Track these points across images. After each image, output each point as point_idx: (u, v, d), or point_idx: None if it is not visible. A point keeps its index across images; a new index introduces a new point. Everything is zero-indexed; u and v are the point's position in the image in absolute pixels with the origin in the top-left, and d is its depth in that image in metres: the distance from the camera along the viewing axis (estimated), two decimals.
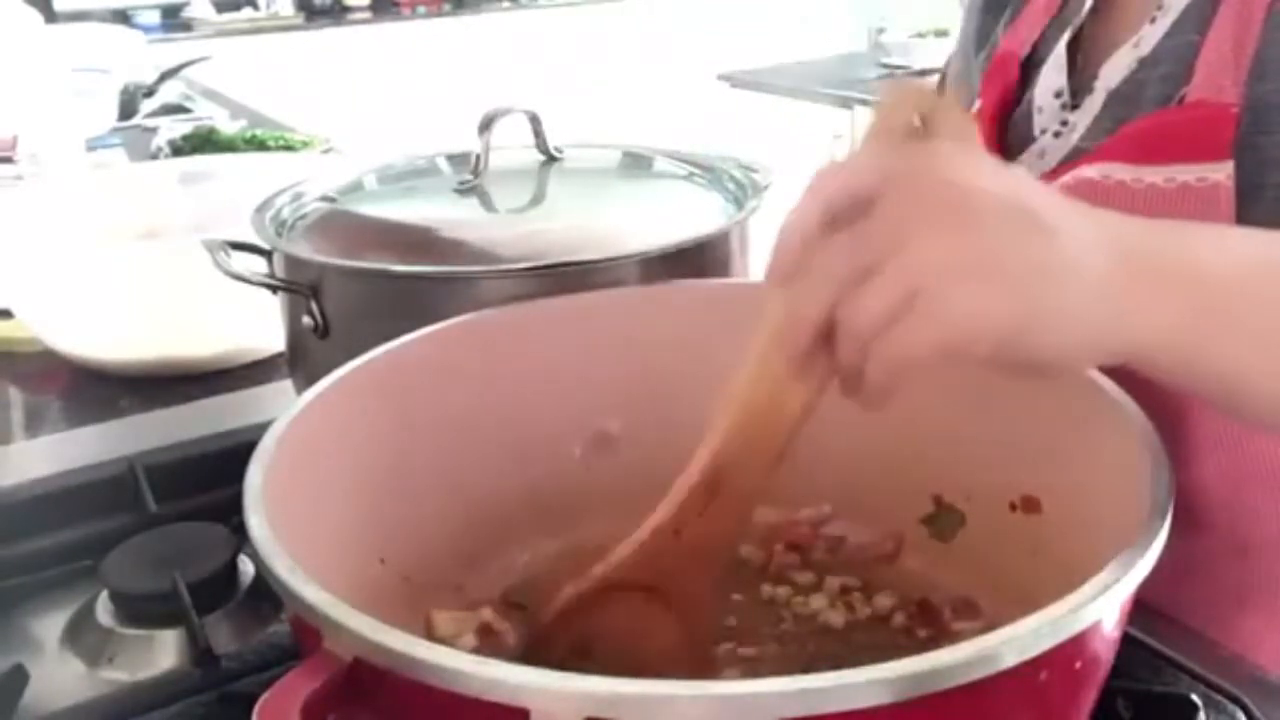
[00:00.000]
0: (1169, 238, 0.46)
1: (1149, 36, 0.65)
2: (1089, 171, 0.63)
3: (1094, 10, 0.71)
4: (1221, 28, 0.61)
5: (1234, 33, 0.60)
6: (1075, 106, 0.69)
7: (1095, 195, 0.60)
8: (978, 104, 0.76)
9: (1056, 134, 0.70)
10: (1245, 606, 0.65)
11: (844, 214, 0.42)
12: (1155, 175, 0.60)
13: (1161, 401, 0.50)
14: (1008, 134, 0.73)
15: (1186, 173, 0.59)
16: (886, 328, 0.41)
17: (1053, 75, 0.71)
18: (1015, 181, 0.44)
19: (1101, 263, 0.42)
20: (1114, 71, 0.67)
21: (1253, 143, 0.58)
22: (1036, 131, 0.71)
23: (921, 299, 0.40)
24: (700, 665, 0.52)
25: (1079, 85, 0.70)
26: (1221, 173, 0.58)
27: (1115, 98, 0.66)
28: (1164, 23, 0.64)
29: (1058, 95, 0.71)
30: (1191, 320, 0.44)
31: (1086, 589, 0.38)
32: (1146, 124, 0.63)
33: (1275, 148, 0.58)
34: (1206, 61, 0.61)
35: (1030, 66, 0.73)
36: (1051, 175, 0.67)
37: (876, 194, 0.42)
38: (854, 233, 0.42)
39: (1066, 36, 0.71)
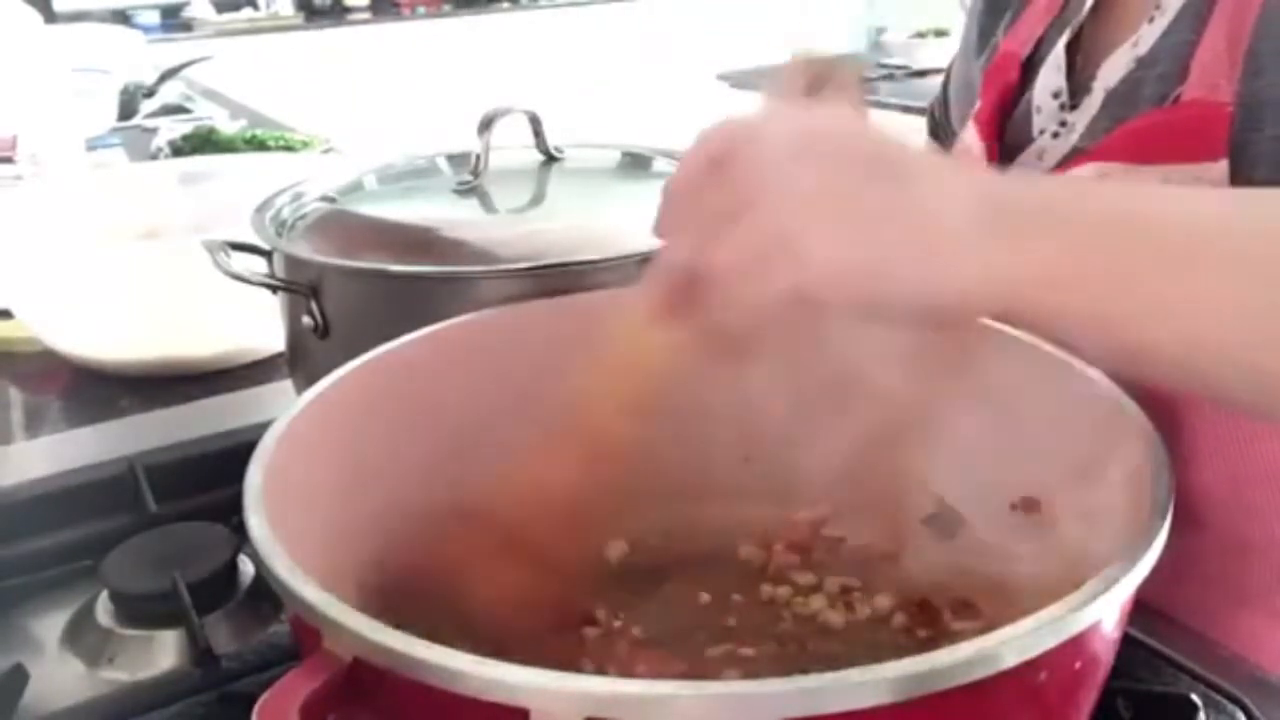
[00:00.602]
0: (1033, 186, 0.46)
1: (1147, 36, 0.65)
2: (1085, 171, 0.63)
3: (1093, 10, 0.71)
4: (1216, 26, 0.61)
5: (1228, 30, 0.60)
6: (1074, 107, 0.69)
7: None
8: (978, 105, 0.76)
9: (1055, 134, 0.70)
10: (1245, 606, 0.65)
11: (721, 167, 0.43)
12: (1151, 175, 0.60)
13: (1161, 403, 0.50)
14: (1007, 134, 0.73)
15: (1181, 174, 0.59)
16: (743, 274, 0.41)
17: (1051, 75, 0.71)
18: (880, 135, 0.44)
19: (964, 210, 0.42)
20: (1112, 71, 0.67)
21: (1244, 140, 0.58)
22: (1035, 132, 0.71)
23: (775, 244, 0.41)
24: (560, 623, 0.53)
25: (1078, 85, 0.70)
26: (1215, 172, 0.59)
27: (1113, 97, 0.66)
28: (1161, 22, 0.64)
29: (1056, 95, 0.71)
30: (1057, 259, 0.42)
31: (1086, 589, 0.38)
32: (1142, 124, 0.63)
33: (1265, 143, 0.58)
34: (1201, 60, 0.61)
35: (1030, 67, 0.73)
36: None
37: (746, 146, 0.42)
38: (719, 182, 0.42)
39: (1065, 37, 0.71)
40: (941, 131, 0.94)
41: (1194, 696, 0.52)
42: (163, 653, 0.64)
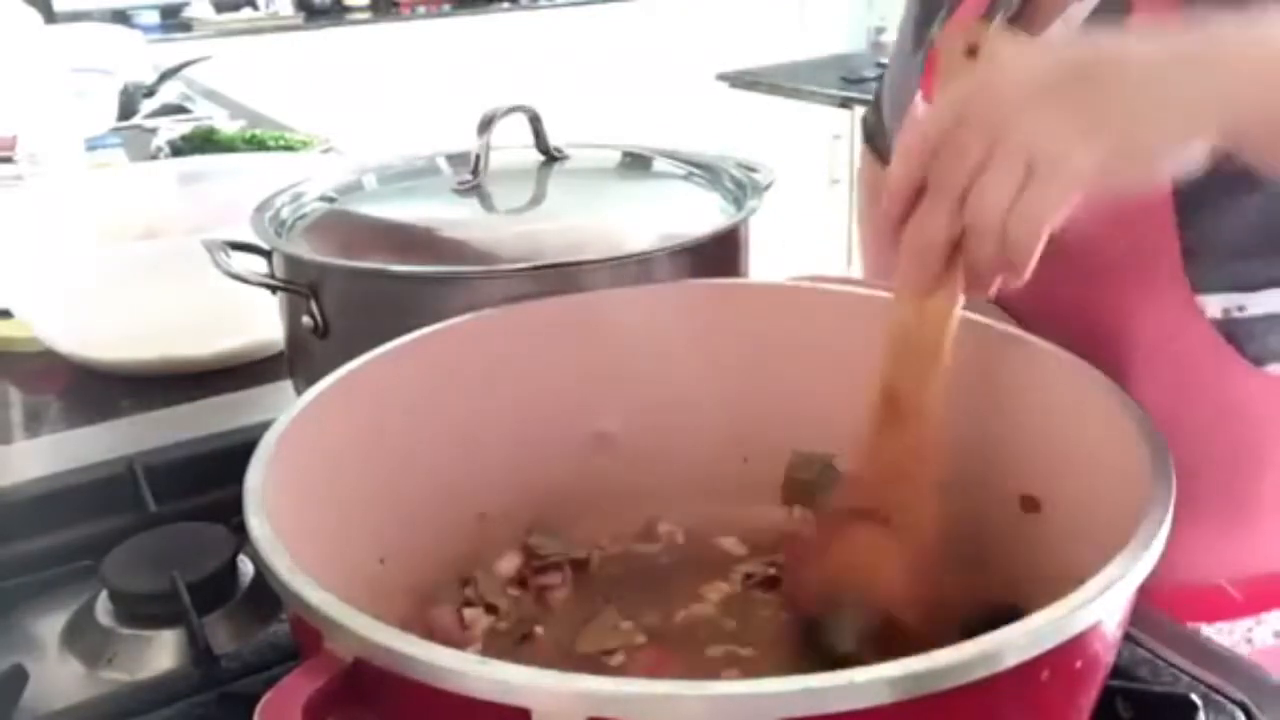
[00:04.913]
0: (1209, 37, 0.49)
1: (1078, 12, 0.70)
2: None
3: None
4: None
5: None
6: None
7: None
8: (920, 95, 0.80)
9: None
10: (1190, 525, 0.68)
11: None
12: None
13: (1107, 324, 0.52)
14: None
15: None
16: (1015, 204, 0.46)
17: None
18: (1060, 47, 0.50)
19: (1168, 60, 0.48)
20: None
21: None
22: None
23: (1039, 165, 0.45)
24: (921, 591, 0.54)
25: None
26: None
27: None
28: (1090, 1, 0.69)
29: None
30: (1269, 74, 0.48)
31: (1086, 589, 0.38)
32: None
33: None
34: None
35: None
36: None
37: (961, 117, 0.47)
38: (950, 149, 0.47)
39: (999, 19, 0.76)
40: (877, 133, 1.02)
41: (1194, 696, 0.52)
42: (163, 653, 0.64)
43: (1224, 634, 0.74)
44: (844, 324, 0.63)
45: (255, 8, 4.15)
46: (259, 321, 0.87)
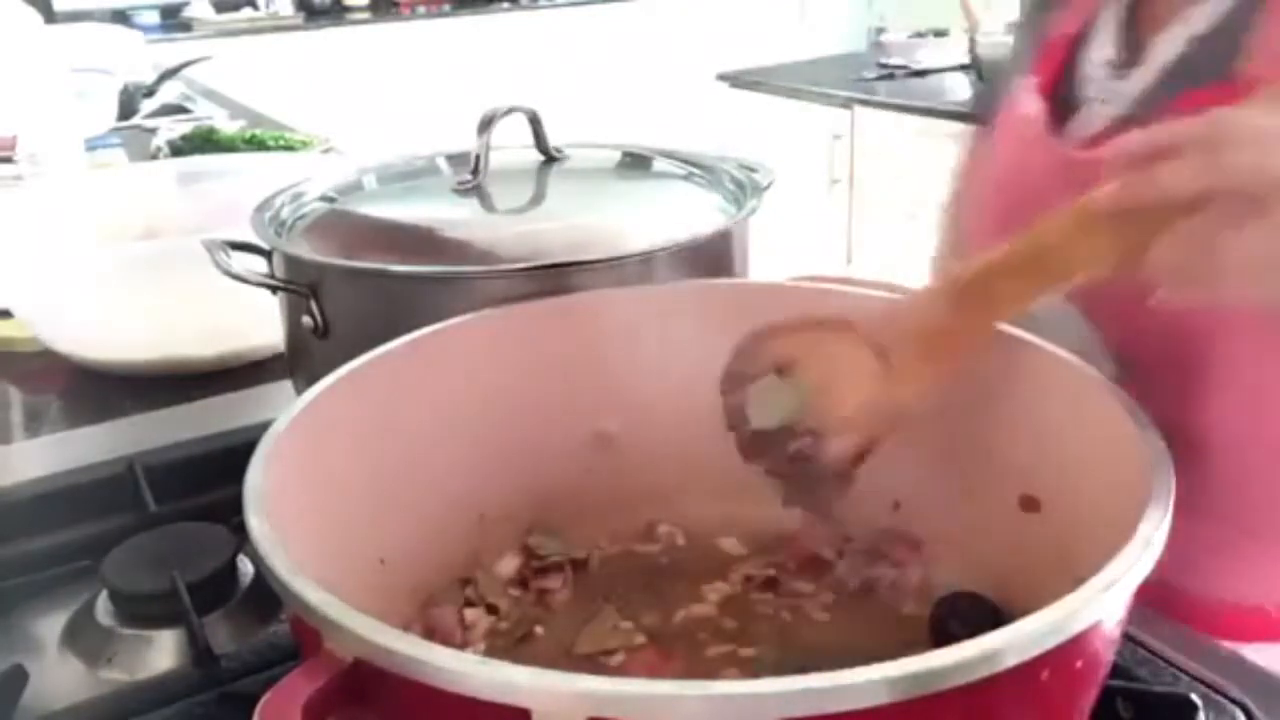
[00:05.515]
0: None
1: (1202, 15, 0.68)
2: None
3: None
4: (1276, 6, 0.63)
5: None
6: (1123, 78, 0.73)
7: None
8: (1032, 79, 0.79)
9: (1104, 101, 0.73)
10: (1255, 537, 0.68)
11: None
12: None
13: (1196, 332, 0.51)
14: (1059, 104, 0.77)
15: None
16: (1258, 248, 0.44)
17: (1105, 46, 0.75)
18: None
19: None
20: (1168, 47, 0.70)
21: None
22: (1085, 99, 0.75)
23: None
24: (873, 431, 0.52)
25: (1128, 60, 0.73)
26: None
27: (1170, 71, 0.69)
28: (1221, 5, 0.67)
29: (1107, 64, 0.74)
30: None
31: (1086, 589, 0.38)
32: (1205, 96, 0.64)
33: None
34: (1267, 38, 0.63)
35: (1079, 47, 0.77)
36: (1097, 140, 0.70)
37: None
38: (1259, 149, 0.44)
39: (1120, 14, 0.75)
40: (991, 107, 0.98)
41: (1194, 696, 0.52)
42: (162, 653, 0.64)
43: (1261, 654, 0.73)
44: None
45: (255, 8, 4.15)
46: (259, 321, 0.87)
